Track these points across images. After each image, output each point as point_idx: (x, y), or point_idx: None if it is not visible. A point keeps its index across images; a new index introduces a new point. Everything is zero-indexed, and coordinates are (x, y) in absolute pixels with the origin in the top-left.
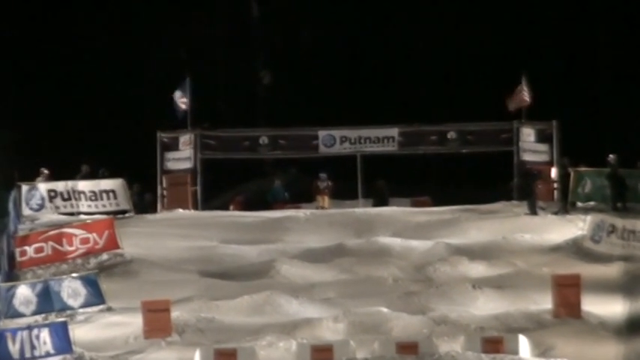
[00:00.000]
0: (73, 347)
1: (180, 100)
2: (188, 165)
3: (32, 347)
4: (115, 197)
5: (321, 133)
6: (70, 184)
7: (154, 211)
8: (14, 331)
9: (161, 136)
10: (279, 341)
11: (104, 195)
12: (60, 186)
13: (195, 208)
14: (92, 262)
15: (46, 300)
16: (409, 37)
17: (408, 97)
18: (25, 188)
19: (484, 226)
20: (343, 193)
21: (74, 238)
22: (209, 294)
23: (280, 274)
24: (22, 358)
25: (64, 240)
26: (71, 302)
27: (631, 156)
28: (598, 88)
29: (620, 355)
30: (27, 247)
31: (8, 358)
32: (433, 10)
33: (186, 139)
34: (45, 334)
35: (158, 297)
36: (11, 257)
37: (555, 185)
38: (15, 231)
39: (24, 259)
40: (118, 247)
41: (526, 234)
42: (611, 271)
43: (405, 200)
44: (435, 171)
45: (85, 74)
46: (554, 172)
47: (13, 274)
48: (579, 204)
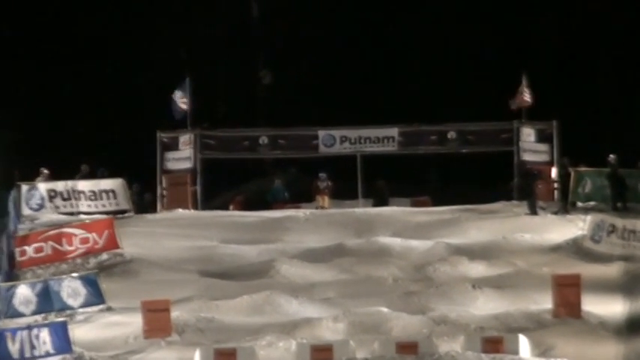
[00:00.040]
0: (73, 347)
1: (181, 100)
2: (188, 165)
3: (32, 347)
4: (115, 197)
5: (321, 133)
6: (69, 183)
7: (154, 210)
8: (14, 331)
9: (161, 136)
10: (279, 341)
11: (104, 195)
12: (60, 186)
13: (195, 208)
14: (92, 261)
15: (46, 300)
16: (409, 37)
17: (408, 97)
18: (24, 188)
19: (484, 226)
20: (343, 193)
21: (74, 238)
22: (209, 294)
23: (280, 273)
24: (22, 357)
25: (64, 240)
26: (71, 302)
27: (631, 156)
28: (598, 89)
29: (620, 355)
30: (27, 247)
31: (8, 358)
32: (433, 9)
33: (186, 139)
34: (45, 334)
35: (158, 297)
36: (11, 257)
37: (555, 185)
38: (15, 231)
39: (24, 258)
40: (117, 246)
41: (526, 234)
42: (611, 271)
43: (405, 200)
44: (435, 171)
45: (85, 74)
46: (555, 172)
47: (13, 274)
48: (579, 204)
